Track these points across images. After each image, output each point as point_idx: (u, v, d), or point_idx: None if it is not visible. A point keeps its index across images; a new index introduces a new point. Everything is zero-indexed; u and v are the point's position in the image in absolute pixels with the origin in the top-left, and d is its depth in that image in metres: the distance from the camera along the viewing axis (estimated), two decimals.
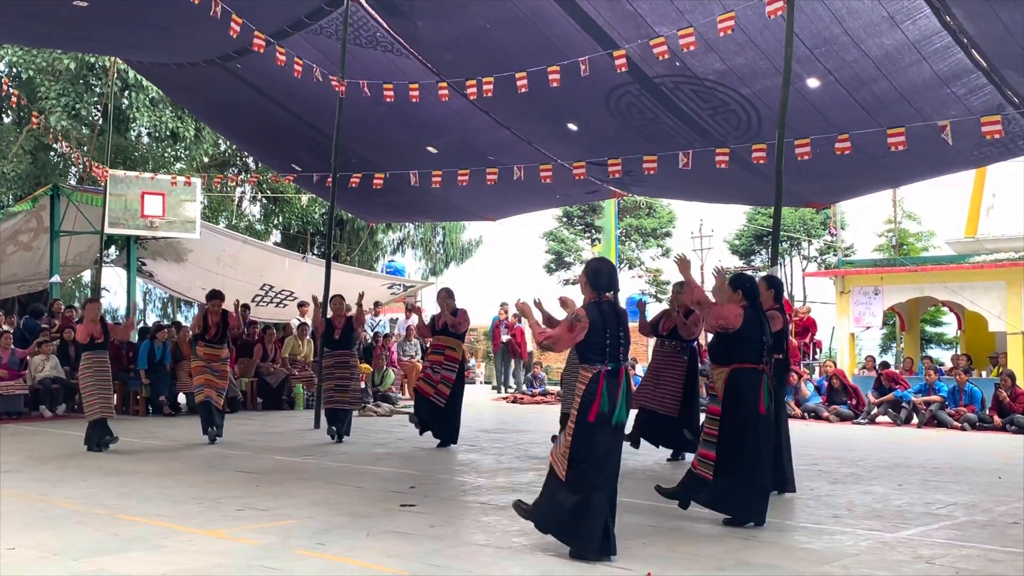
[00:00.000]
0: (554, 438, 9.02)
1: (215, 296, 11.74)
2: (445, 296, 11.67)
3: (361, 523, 6.75)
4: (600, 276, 6.01)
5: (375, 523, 6.73)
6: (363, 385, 17.08)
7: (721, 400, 6.88)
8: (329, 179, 14.47)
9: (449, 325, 11.47)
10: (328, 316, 12.28)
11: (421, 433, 11.53)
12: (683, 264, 7.51)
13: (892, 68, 10.63)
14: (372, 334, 19.55)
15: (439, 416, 11.39)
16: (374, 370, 17.99)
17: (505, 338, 20.74)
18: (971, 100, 10.83)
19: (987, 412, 14.46)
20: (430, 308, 30.12)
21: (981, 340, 19.52)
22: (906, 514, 7.43)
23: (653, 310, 11.34)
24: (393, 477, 9.04)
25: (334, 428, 11.87)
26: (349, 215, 26.32)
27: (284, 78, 13.84)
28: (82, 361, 11.02)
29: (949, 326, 31.64)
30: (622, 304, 6.28)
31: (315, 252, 26.99)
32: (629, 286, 40.32)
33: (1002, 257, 17.52)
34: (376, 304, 21.37)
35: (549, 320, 8.86)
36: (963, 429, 14.19)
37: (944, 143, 10.79)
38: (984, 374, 17.31)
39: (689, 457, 9.03)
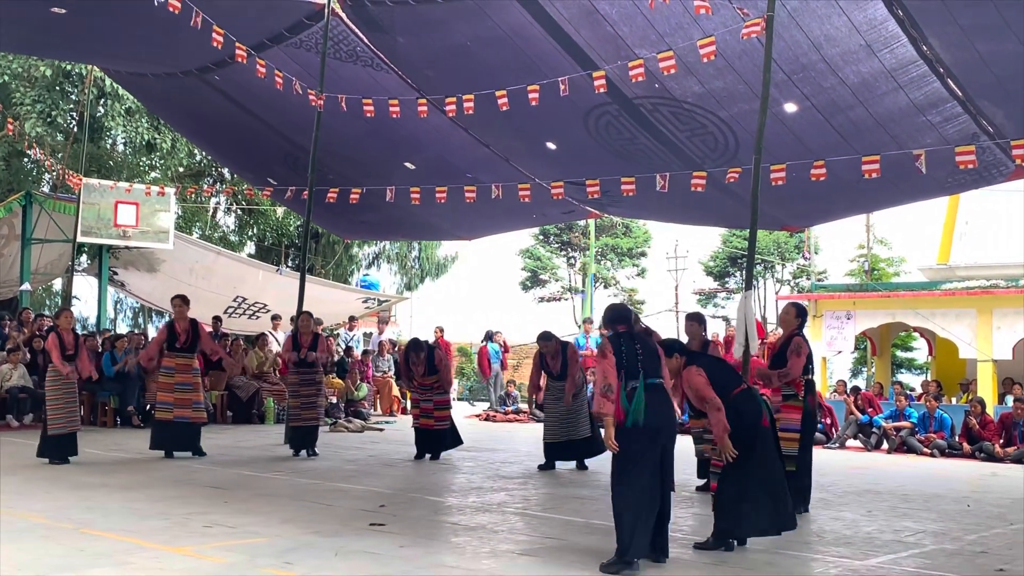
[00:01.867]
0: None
1: (180, 298, 11.78)
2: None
3: (329, 542, 6.67)
4: (606, 313, 7.04)
5: (344, 542, 6.65)
6: (334, 400, 16.98)
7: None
8: (305, 193, 14.36)
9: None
10: (295, 333, 12.23)
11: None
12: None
13: (869, 95, 10.71)
14: (345, 347, 19.46)
15: (437, 437, 11.99)
16: (347, 384, 17.87)
17: (495, 366, 20.58)
18: (946, 128, 10.92)
19: (956, 439, 14.53)
20: (404, 324, 30.19)
21: (952, 367, 19.63)
22: (875, 541, 7.43)
23: None
24: (363, 495, 8.95)
25: (304, 449, 11.82)
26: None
27: (262, 91, 13.78)
28: (49, 371, 10.83)
29: (920, 352, 31.84)
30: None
31: (289, 264, 26.86)
32: (604, 305, 40.25)
33: (974, 285, 17.64)
34: (351, 319, 21.28)
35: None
36: (932, 456, 14.26)
37: (918, 171, 10.88)
38: (954, 400, 17.40)
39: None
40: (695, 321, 9.98)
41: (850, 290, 21.20)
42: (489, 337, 20.64)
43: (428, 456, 11.87)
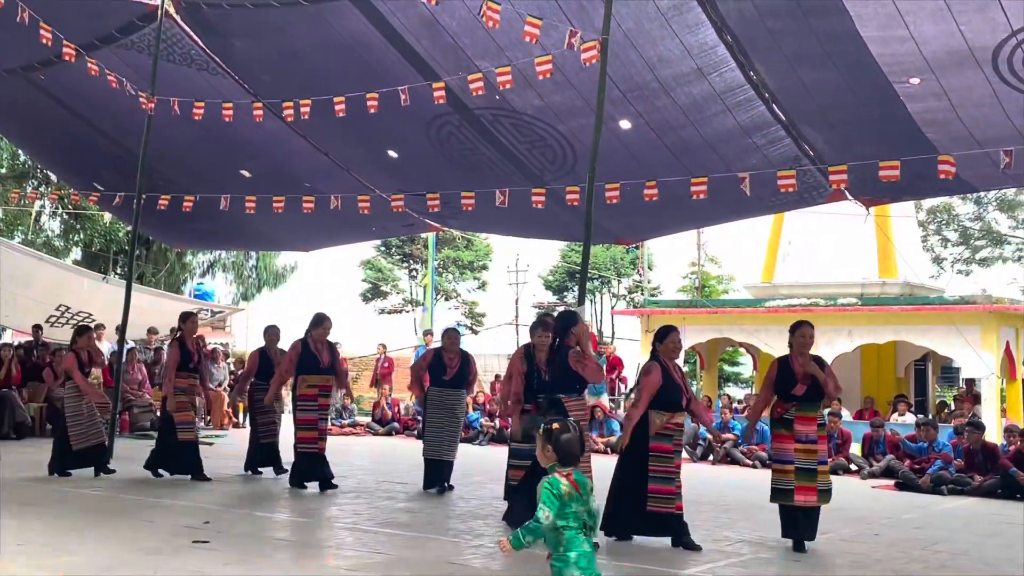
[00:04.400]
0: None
1: (189, 317, 11.39)
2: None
3: (149, 560, 6.37)
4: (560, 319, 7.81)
5: (164, 561, 6.36)
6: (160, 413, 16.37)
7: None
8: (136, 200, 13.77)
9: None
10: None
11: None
12: None
13: (699, 116, 11.01)
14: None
15: (319, 461, 10.39)
16: None
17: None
18: (770, 150, 11.33)
19: None
20: (239, 335, 29.32)
21: None
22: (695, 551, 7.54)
23: (468, 343, 11.32)
24: (188, 511, 8.59)
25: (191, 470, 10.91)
26: None
27: (91, 92, 13.20)
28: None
29: (745, 366, 32.94)
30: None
31: (117, 272, 25.78)
32: (445, 317, 40.40)
33: (795, 303, 18.31)
34: (172, 329, 20.58)
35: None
36: (754, 467, 14.68)
37: (743, 192, 11.30)
38: None
39: None
40: (455, 334, 10.28)
41: (680, 306, 21.79)
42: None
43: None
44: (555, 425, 4.19)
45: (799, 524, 7.41)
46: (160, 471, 10.86)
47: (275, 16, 11.19)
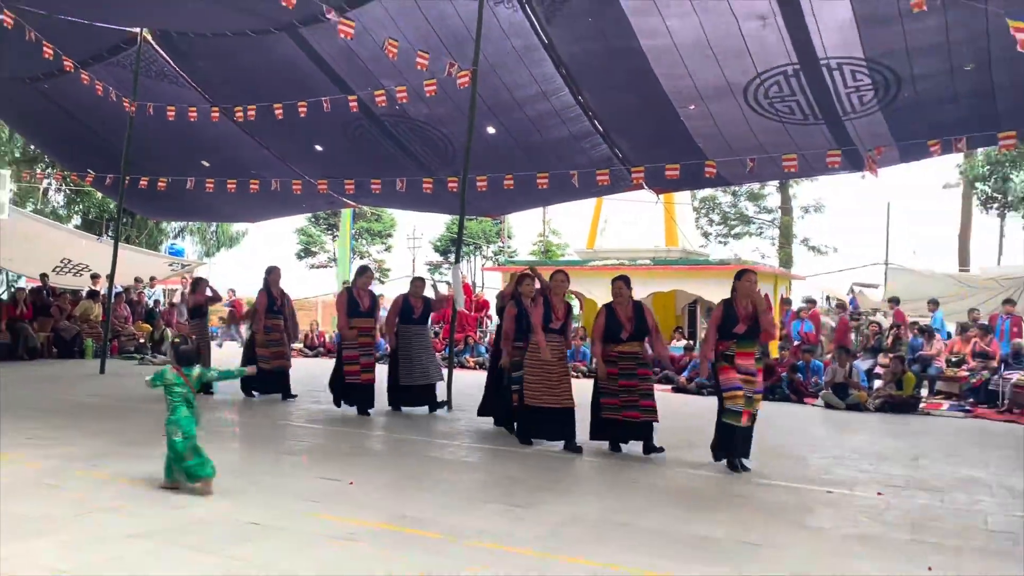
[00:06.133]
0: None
1: (274, 271, 9.62)
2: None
3: (133, 450, 6.10)
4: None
5: (147, 450, 6.09)
6: (142, 340, 15.73)
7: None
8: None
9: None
10: (187, 293, 10.11)
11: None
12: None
13: (543, 126, 11.06)
14: (152, 301, 18.06)
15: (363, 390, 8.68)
16: (154, 329, 16.52)
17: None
18: (592, 152, 11.48)
19: None
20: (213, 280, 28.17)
21: (592, 319, 20.67)
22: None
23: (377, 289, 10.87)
24: (161, 413, 8.23)
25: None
26: None
27: (85, 99, 12.51)
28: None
29: (575, 307, 33.42)
30: None
31: (109, 235, 24.39)
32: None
33: (609, 263, 18.71)
34: (152, 278, 19.67)
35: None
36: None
37: (573, 184, 11.45)
38: None
39: None
40: (420, 281, 9.46)
41: (530, 264, 21.93)
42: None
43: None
44: (180, 343, 5.12)
45: (737, 447, 6.14)
46: (253, 392, 9.63)
47: (229, 43, 10.74)
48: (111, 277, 12.63)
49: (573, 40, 9.42)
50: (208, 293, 10.53)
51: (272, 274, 9.67)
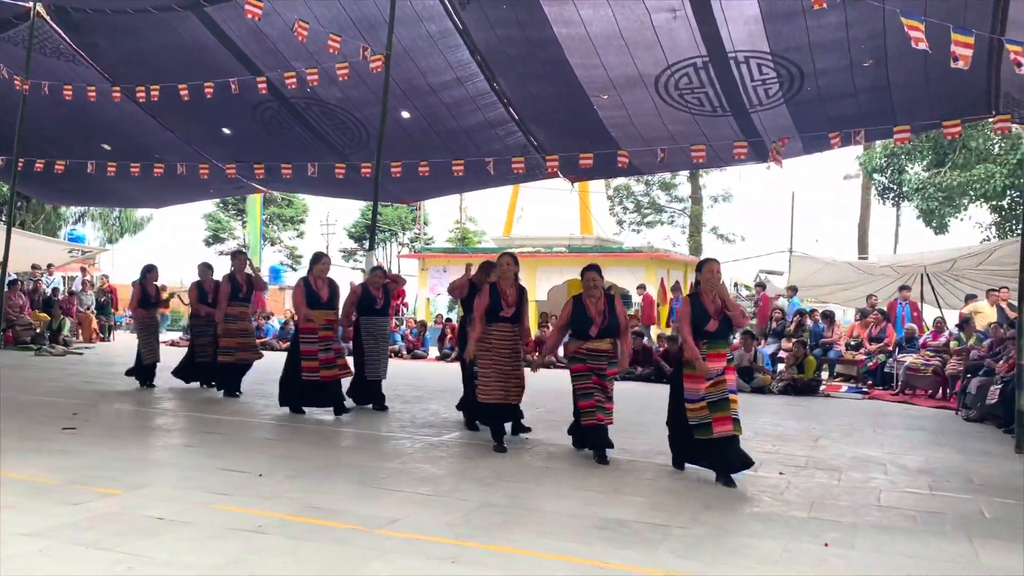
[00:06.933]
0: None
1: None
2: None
3: (30, 445, 5.80)
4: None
5: (44, 445, 5.82)
6: (38, 330, 14.92)
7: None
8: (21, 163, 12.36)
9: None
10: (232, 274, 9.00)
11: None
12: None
13: (458, 112, 11.03)
14: (51, 289, 17.15)
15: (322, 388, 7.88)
16: (52, 318, 15.71)
17: None
18: (508, 140, 11.51)
19: None
20: (107, 271, 26.94)
21: None
22: (449, 423, 7.56)
23: (290, 279, 10.74)
24: (60, 405, 7.89)
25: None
26: None
27: None
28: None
29: None
30: None
31: (2, 220, 23.04)
32: (271, 259, 38.80)
33: (526, 250, 18.83)
34: (49, 265, 18.71)
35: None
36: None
37: (488, 172, 11.45)
38: None
39: None
40: (243, 256, 8.99)
41: (446, 252, 21.91)
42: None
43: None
44: None
45: (723, 456, 5.39)
46: (206, 384, 9.35)
47: (130, 20, 10.29)
48: (3, 264, 11.96)
49: (488, 26, 9.40)
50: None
51: (237, 259, 9.12)
